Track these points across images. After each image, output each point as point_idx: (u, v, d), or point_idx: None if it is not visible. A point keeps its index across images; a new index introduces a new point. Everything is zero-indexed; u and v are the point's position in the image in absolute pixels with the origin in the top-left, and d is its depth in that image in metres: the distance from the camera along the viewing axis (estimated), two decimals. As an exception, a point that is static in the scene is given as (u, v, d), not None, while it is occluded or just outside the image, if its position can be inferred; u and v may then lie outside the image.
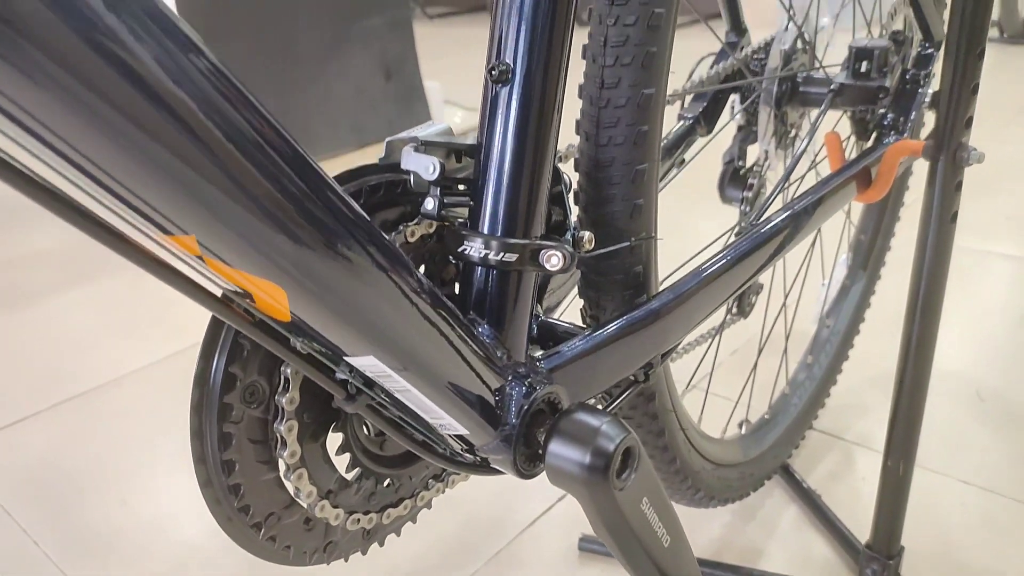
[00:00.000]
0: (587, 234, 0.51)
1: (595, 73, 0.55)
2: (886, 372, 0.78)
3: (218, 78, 0.30)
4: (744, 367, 1.33)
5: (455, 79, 3.21)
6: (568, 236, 0.51)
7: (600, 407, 0.52)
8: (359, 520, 0.53)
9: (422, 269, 0.52)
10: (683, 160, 0.90)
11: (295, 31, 2.02)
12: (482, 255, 0.47)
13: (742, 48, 0.94)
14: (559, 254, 0.48)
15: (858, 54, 0.77)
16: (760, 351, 1.01)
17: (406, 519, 0.57)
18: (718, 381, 1.18)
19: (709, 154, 0.88)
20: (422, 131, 0.51)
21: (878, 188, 0.74)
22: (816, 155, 0.80)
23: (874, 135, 0.80)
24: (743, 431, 0.99)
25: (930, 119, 0.78)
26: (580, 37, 0.53)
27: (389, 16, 2.24)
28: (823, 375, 1.14)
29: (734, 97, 0.95)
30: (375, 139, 2.24)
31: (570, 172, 0.62)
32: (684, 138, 0.89)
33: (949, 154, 0.66)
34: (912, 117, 0.77)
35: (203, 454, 0.46)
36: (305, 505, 0.49)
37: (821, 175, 0.84)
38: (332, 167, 2.04)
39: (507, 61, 0.46)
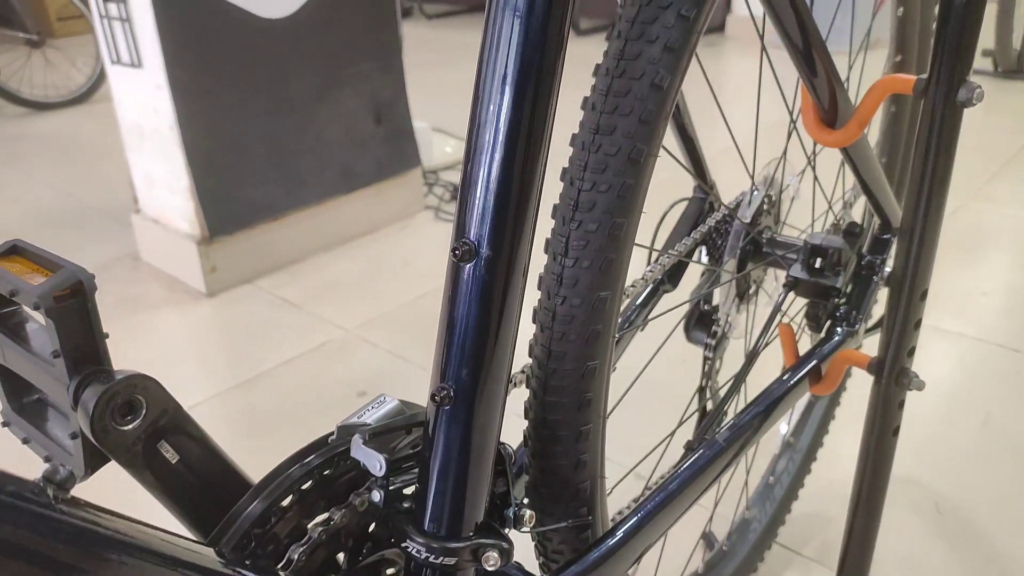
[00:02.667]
0: (528, 513, 0.54)
1: (544, 342, 0.57)
2: (850, 476, 0.81)
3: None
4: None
5: (446, 98, 3.20)
6: (510, 512, 0.54)
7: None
8: None
9: (371, 527, 0.55)
10: (647, 320, 0.92)
11: (286, 77, 2.03)
12: (423, 557, 0.50)
13: (710, 204, 0.96)
14: (495, 554, 0.50)
15: (813, 250, 0.79)
16: (714, 508, 1.04)
17: None
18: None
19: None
20: (372, 414, 0.54)
21: (827, 385, 0.76)
22: (761, 343, 0.82)
23: (827, 325, 0.82)
24: (700, 571, 1.03)
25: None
26: (530, 300, 0.55)
27: (381, 61, 2.25)
28: (784, 495, 1.17)
29: (701, 249, 0.97)
30: (364, 183, 2.26)
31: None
32: (649, 299, 0.91)
33: (892, 377, 0.69)
34: (863, 312, 0.79)
35: None
36: None
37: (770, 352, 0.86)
38: (321, 213, 2.03)
39: (447, 385, 0.48)
